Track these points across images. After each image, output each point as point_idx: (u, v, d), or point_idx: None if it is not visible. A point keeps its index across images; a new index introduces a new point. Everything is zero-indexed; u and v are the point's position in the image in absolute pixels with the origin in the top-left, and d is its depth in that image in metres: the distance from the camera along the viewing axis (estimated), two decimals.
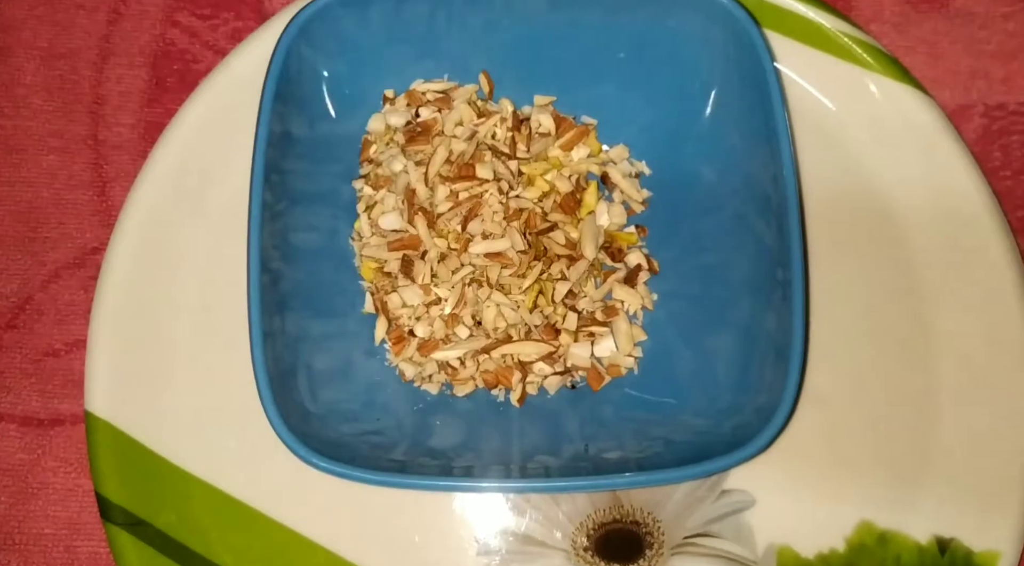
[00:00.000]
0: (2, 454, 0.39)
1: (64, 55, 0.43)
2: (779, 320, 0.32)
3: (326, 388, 0.35)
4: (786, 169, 0.33)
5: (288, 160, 0.35)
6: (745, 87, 0.35)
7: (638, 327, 0.38)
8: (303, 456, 0.31)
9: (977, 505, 0.36)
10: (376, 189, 0.38)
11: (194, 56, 0.43)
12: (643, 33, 0.37)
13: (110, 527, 0.36)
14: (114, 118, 0.42)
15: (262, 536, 0.37)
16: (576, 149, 0.39)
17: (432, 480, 0.32)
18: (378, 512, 0.37)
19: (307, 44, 0.35)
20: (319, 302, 0.37)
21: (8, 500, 0.39)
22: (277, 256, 0.34)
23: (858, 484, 0.37)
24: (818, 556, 0.36)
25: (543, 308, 0.37)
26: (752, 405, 0.33)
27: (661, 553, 0.37)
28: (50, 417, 0.40)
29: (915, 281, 0.38)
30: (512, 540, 0.37)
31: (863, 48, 0.40)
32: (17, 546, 0.38)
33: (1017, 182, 0.41)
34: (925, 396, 0.37)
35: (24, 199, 0.42)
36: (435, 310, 0.37)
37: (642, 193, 0.39)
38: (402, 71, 0.39)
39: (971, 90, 0.42)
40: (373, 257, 0.38)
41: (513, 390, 0.37)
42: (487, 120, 0.38)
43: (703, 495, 0.37)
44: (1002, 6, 0.42)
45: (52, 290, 0.41)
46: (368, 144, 0.39)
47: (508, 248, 0.36)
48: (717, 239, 0.37)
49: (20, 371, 0.40)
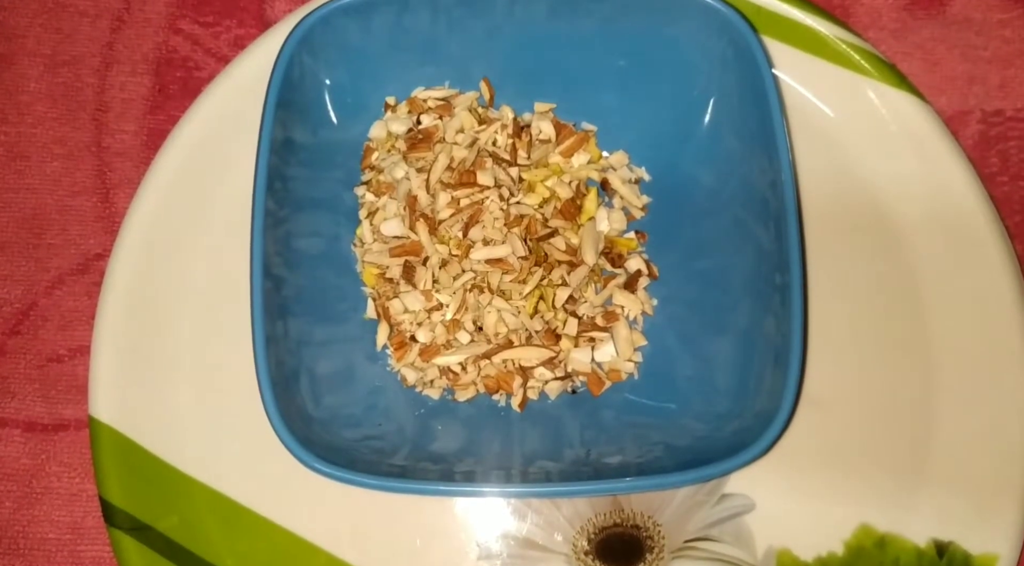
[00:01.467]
0: (6, 459, 0.39)
1: (68, 62, 0.43)
2: (778, 324, 0.33)
3: (328, 393, 0.35)
4: (784, 175, 0.33)
5: (290, 167, 0.36)
6: (744, 93, 0.35)
7: (638, 332, 0.38)
8: (305, 461, 0.31)
9: (975, 508, 0.36)
10: (378, 195, 0.39)
11: (197, 63, 0.43)
12: (642, 40, 0.37)
13: (114, 531, 0.37)
14: (117, 125, 0.43)
15: (265, 540, 0.37)
16: (576, 155, 0.39)
17: (433, 485, 0.32)
18: (380, 516, 0.37)
19: (309, 52, 0.36)
20: (321, 308, 0.37)
21: (12, 505, 0.39)
22: (280, 262, 0.34)
23: (857, 487, 0.37)
24: (817, 559, 0.37)
25: (544, 313, 0.37)
26: (751, 409, 0.33)
27: (662, 557, 0.37)
28: (54, 422, 0.40)
29: (913, 286, 0.39)
30: (513, 544, 0.37)
31: (861, 55, 0.40)
32: (21, 551, 0.39)
33: (1014, 187, 0.41)
34: (923, 400, 0.38)
35: (28, 205, 0.42)
36: (436, 316, 0.37)
37: (642, 199, 0.40)
38: (403, 78, 0.39)
39: (968, 96, 0.42)
40: (375, 263, 0.38)
41: (514, 395, 0.37)
42: (488, 127, 0.39)
43: (703, 499, 0.37)
44: (998, 13, 0.43)
45: (56, 296, 0.41)
46: (370, 151, 0.40)
47: (509, 254, 0.36)
48: (716, 244, 0.37)
49: (24, 377, 0.40)
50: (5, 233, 0.42)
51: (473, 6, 0.36)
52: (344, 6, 0.35)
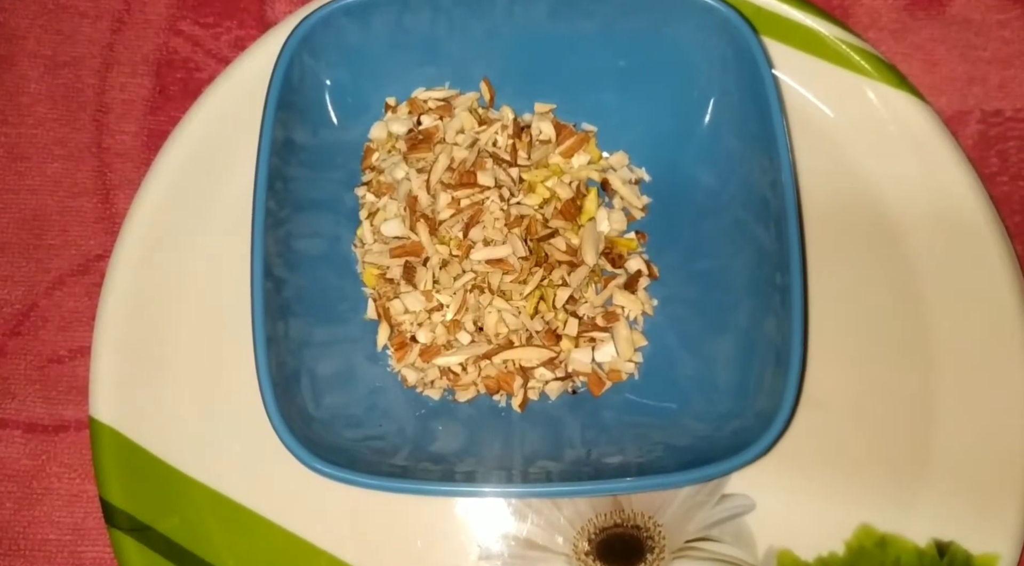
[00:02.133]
0: (7, 460, 0.39)
1: (68, 64, 0.44)
2: (778, 324, 0.33)
3: (329, 393, 0.35)
4: (784, 175, 0.33)
5: (291, 167, 0.36)
6: (744, 94, 0.35)
7: (638, 332, 0.38)
8: (306, 461, 0.31)
9: (976, 508, 0.36)
10: (378, 196, 0.39)
11: (197, 65, 0.43)
12: (643, 41, 0.37)
13: (114, 532, 0.37)
14: (118, 126, 0.43)
15: (265, 540, 0.37)
16: (576, 156, 0.39)
17: (434, 485, 0.32)
18: (380, 517, 0.37)
19: (310, 53, 0.36)
20: (322, 308, 0.37)
21: (13, 506, 0.39)
22: (280, 263, 0.34)
23: (857, 487, 0.37)
24: (818, 559, 0.37)
25: (544, 314, 0.37)
26: (752, 409, 0.33)
27: (662, 557, 0.37)
28: (54, 423, 0.40)
29: (913, 285, 0.39)
30: (514, 544, 0.37)
31: (861, 55, 0.40)
32: (22, 552, 0.39)
33: (1014, 187, 0.42)
34: (923, 400, 0.38)
35: (29, 206, 0.42)
36: (437, 316, 0.37)
37: (642, 199, 0.40)
38: (404, 79, 0.39)
39: (968, 96, 0.42)
40: (375, 263, 0.38)
41: (515, 395, 0.37)
42: (488, 127, 0.39)
43: (703, 499, 0.37)
44: (998, 13, 0.43)
45: (56, 297, 0.41)
46: (370, 151, 0.40)
47: (509, 255, 0.36)
48: (716, 244, 0.37)
49: (25, 377, 0.40)
50: (6, 234, 0.42)
51: (473, 7, 0.37)
52: (344, 7, 0.35)
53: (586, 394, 0.38)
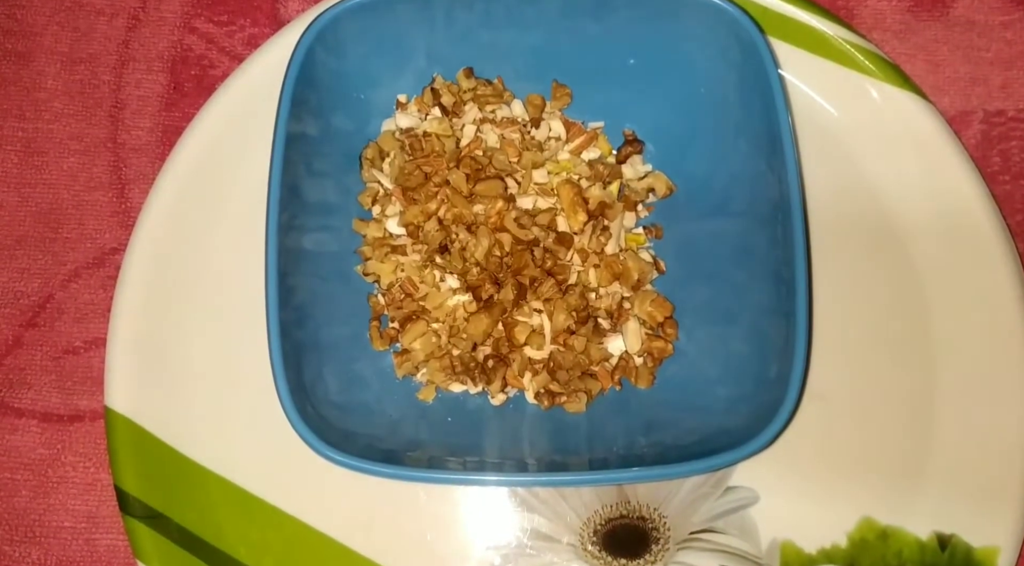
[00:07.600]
0: (23, 449, 0.40)
1: (84, 60, 0.44)
2: (783, 320, 0.33)
3: (341, 385, 0.36)
4: (790, 173, 0.33)
5: (303, 163, 0.36)
6: (750, 93, 0.35)
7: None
8: (319, 449, 0.32)
9: (977, 502, 0.37)
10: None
11: (211, 62, 0.44)
12: (651, 40, 0.37)
13: (128, 520, 0.37)
14: (133, 122, 0.43)
15: (277, 530, 0.37)
16: (586, 153, 0.40)
17: (442, 474, 0.33)
18: (390, 507, 0.38)
19: (323, 49, 0.36)
20: (334, 301, 0.37)
21: (29, 494, 0.40)
22: (292, 257, 0.35)
23: (860, 481, 0.37)
24: (820, 551, 0.37)
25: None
26: (756, 402, 0.34)
27: (667, 548, 0.37)
28: (70, 413, 0.40)
29: (916, 283, 0.39)
30: (521, 535, 0.38)
31: (865, 55, 0.40)
32: (38, 539, 0.39)
33: (1016, 186, 0.42)
34: (926, 394, 0.38)
35: (45, 200, 0.43)
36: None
37: (649, 196, 0.40)
38: (414, 77, 0.40)
39: (971, 96, 0.43)
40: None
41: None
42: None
43: (708, 491, 0.38)
44: (1000, 15, 0.43)
45: (72, 289, 0.42)
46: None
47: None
48: (721, 241, 0.38)
49: (41, 368, 0.41)
50: (23, 227, 0.42)
51: (484, 6, 0.37)
52: (357, 5, 0.36)
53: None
